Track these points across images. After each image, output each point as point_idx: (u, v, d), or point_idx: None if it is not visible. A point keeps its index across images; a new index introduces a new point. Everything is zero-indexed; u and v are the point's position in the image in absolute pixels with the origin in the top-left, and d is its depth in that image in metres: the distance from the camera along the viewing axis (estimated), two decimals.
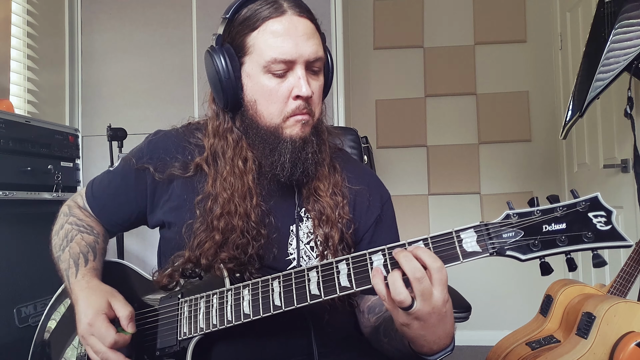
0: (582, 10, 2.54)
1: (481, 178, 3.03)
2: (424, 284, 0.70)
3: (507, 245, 0.70)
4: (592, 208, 0.69)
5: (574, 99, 1.82)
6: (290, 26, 0.87)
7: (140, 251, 2.25)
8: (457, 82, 3.06)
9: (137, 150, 1.03)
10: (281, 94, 0.88)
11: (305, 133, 0.91)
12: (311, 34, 0.89)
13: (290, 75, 0.88)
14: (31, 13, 2.26)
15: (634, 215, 2.04)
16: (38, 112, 2.27)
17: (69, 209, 1.08)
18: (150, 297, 0.96)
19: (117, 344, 0.85)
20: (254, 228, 0.91)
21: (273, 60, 0.86)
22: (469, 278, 2.87)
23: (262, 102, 0.90)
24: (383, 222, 1.02)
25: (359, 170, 1.07)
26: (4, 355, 1.57)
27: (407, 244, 0.74)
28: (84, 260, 0.98)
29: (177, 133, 1.02)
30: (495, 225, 0.72)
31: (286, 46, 0.86)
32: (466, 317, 1.15)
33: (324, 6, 2.41)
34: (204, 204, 0.94)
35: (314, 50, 0.88)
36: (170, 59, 2.50)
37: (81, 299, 0.91)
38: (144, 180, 0.99)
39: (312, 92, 0.88)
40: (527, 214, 0.71)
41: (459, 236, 0.73)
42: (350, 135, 1.52)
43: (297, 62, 0.87)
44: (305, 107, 0.89)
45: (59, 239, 1.03)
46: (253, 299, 0.83)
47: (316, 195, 0.96)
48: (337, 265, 0.77)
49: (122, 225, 1.09)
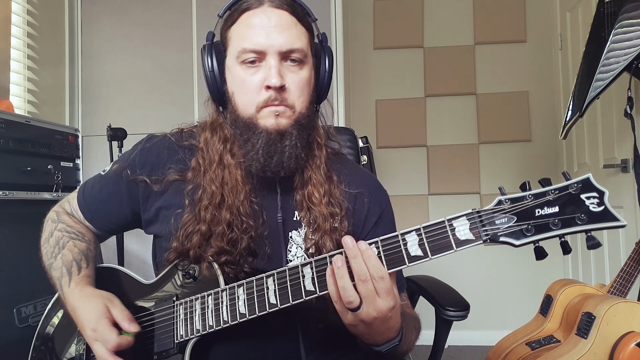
0: (582, 10, 2.54)
1: (481, 178, 3.03)
2: (369, 287, 0.72)
3: (501, 232, 0.70)
4: (584, 189, 0.69)
5: (574, 99, 1.82)
6: (263, 17, 0.87)
7: (140, 251, 2.24)
8: (457, 82, 3.06)
9: (130, 159, 1.01)
10: (253, 84, 0.88)
11: (281, 125, 0.89)
12: (287, 26, 0.88)
13: (263, 66, 0.88)
14: (31, 13, 2.26)
15: (634, 215, 2.04)
16: (38, 112, 2.27)
17: (57, 215, 1.06)
18: (145, 301, 0.95)
19: (121, 346, 0.85)
20: (244, 222, 0.91)
21: (243, 50, 0.87)
22: (469, 278, 2.88)
23: (238, 93, 0.91)
24: (382, 226, 1.02)
25: (357, 175, 1.06)
26: (4, 355, 1.57)
27: (400, 234, 0.74)
28: (77, 268, 0.97)
29: (170, 141, 1.01)
30: (487, 211, 0.71)
31: (257, 36, 0.87)
32: (464, 316, 1.15)
33: (324, 6, 2.41)
34: (193, 194, 0.94)
35: (287, 40, 0.87)
36: (170, 59, 2.50)
37: (79, 307, 0.90)
38: (137, 190, 0.99)
39: (283, 83, 0.87)
40: (519, 198, 0.70)
41: (452, 225, 0.72)
42: (346, 135, 1.52)
43: (268, 52, 0.87)
44: (278, 98, 0.88)
45: (49, 246, 1.01)
46: (248, 298, 0.82)
47: (310, 202, 0.95)
48: (331, 261, 0.77)
49: (114, 231, 1.09)
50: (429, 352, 1.27)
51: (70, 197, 1.09)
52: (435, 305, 1.19)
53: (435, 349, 1.26)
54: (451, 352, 2.72)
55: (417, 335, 0.95)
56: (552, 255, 0.75)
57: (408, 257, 0.73)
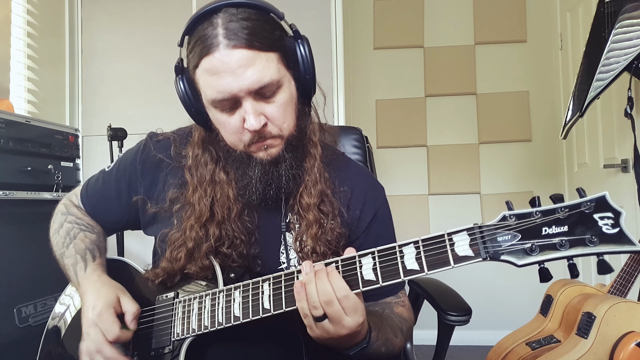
0: (582, 10, 2.54)
1: (481, 178, 3.03)
2: (334, 308, 0.72)
3: (502, 250, 0.66)
4: (599, 209, 0.63)
5: (574, 99, 1.82)
6: (223, 61, 0.80)
7: (141, 251, 2.24)
8: (457, 82, 3.06)
9: (131, 160, 1.02)
10: (234, 127, 0.85)
11: (272, 155, 0.88)
12: (249, 63, 0.80)
13: (239, 108, 0.84)
14: (31, 13, 2.26)
15: (634, 215, 2.04)
16: (38, 112, 2.27)
17: (65, 208, 1.08)
18: (148, 296, 0.96)
19: (119, 339, 0.87)
20: (237, 237, 0.92)
21: (214, 100, 0.83)
22: (469, 278, 2.87)
23: (222, 132, 0.89)
24: (377, 225, 1.00)
25: (353, 172, 1.04)
26: (4, 355, 1.57)
27: (398, 247, 0.73)
28: (92, 256, 0.99)
29: (168, 142, 1.02)
30: (490, 227, 0.67)
31: (223, 84, 0.81)
32: (466, 321, 1.15)
33: (324, 6, 2.41)
34: (181, 212, 0.94)
35: (255, 79, 0.80)
36: (170, 59, 2.47)
37: (91, 291, 0.91)
38: (136, 192, 1.01)
39: (263, 122, 0.83)
40: (526, 215, 0.66)
41: (451, 239, 0.69)
42: (353, 134, 1.46)
43: (239, 95, 0.82)
44: (261, 137, 0.85)
45: (60, 237, 1.04)
46: (243, 301, 0.82)
47: (301, 205, 0.94)
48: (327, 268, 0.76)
49: (114, 228, 1.11)
50: (432, 352, 1.27)
51: (77, 190, 1.12)
52: (437, 310, 1.19)
53: (438, 352, 1.26)
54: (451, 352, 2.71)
55: (404, 336, 0.94)
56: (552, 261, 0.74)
57: (404, 270, 0.71)
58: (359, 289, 0.74)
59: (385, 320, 0.91)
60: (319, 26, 2.34)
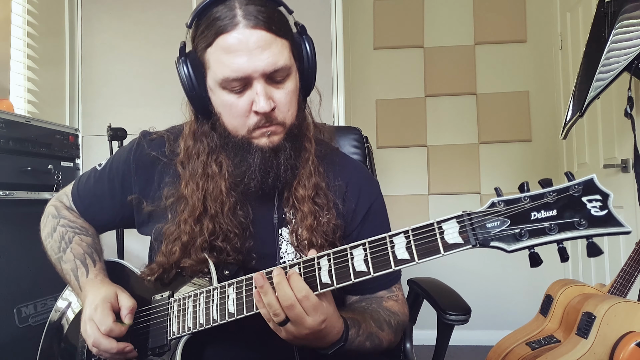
0: (582, 10, 2.54)
1: (481, 178, 3.03)
2: (296, 311, 0.73)
3: (492, 236, 0.66)
4: (587, 192, 0.63)
5: (574, 99, 1.82)
6: (242, 40, 0.81)
7: (141, 250, 2.24)
8: (457, 82, 3.06)
9: (124, 159, 1.02)
10: (241, 109, 0.86)
11: (274, 143, 0.89)
12: (267, 45, 0.82)
13: (249, 90, 0.85)
14: (31, 13, 2.26)
15: (634, 215, 2.04)
16: (38, 112, 2.27)
17: (56, 211, 1.07)
18: (144, 296, 0.96)
19: (113, 332, 0.86)
20: (230, 231, 0.91)
21: (227, 79, 0.84)
22: (469, 278, 2.88)
23: (225, 115, 0.89)
24: (372, 219, 1.01)
25: (347, 167, 1.05)
26: (4, 355, 1.57)
27: (388, 237, 0.73)
28: (92, 260, 0.99)
29: (162, 140, 1.01)
30: (478, 214, 0.67)
31: (238, 62, 0.82)
32: (466, 320, 1.15)
33: (324, 6, 2.41)
34: (175, 206, 0.94)
35: (271, 61, 0.83)
36: (170, 59, 2.47)
37: (92, 292, 0.92)
38: (130, 191, 1.00)
39: (272, 106, 0.85)
40: (514, 201, 0.66)
41: (441, 227, 0.69)
42: (353, 134, 1.46)
43: (253, 76, 0.83)
44: (268, 121, 0.86)
45: (54, 241, 1.03)
46: (237, 298, 0.82)
47: (296, 198, 0.94)
48: (319, 262, 0.76)
49: (107, 227, 1.10)
50: (431, 352, 1.27)
51: (67, 190, 1.10)
52: (436, 309, 1.19)
53: (437, 352, 1.26)
54: (451, 352, 2.71)
55: (392, 329, 0.94)
56: (553, 256, 0.75)
57: (395, 260, 0.71)
58: (318, 290, 0.75)
59: (369, 314, 0.91)
60: (319, 26, 2.34)
